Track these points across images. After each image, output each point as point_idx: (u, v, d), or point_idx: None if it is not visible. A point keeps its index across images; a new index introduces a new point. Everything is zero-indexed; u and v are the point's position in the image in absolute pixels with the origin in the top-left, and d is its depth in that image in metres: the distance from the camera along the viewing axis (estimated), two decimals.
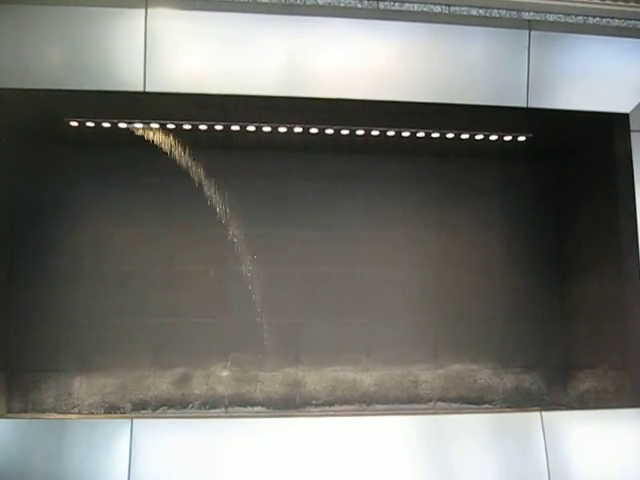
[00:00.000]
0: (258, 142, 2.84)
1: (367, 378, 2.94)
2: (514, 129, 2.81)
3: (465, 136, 2.82)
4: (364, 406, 2.92)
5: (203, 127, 2.68)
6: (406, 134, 2.77)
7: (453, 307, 3.04)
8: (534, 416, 2.38)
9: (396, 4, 2.52)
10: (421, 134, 2.78)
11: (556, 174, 3.17)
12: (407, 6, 2.51)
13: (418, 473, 2.25)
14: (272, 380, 2.88)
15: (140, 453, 2.14)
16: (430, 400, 2.97)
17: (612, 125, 2.65)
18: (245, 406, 2.86)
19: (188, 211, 2.93)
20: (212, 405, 2.84)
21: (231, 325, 2.89)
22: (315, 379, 2.91)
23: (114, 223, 2.89)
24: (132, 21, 2.33)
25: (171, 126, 2.67)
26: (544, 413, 2.39)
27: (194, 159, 2.93)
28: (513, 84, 2.52)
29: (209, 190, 2.94)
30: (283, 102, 2.45)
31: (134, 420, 2.19)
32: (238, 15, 2.39)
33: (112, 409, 2.79)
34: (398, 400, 2.95)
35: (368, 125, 2.72)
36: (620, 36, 2.62)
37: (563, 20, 2.61)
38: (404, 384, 2.96)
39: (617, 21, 2.66)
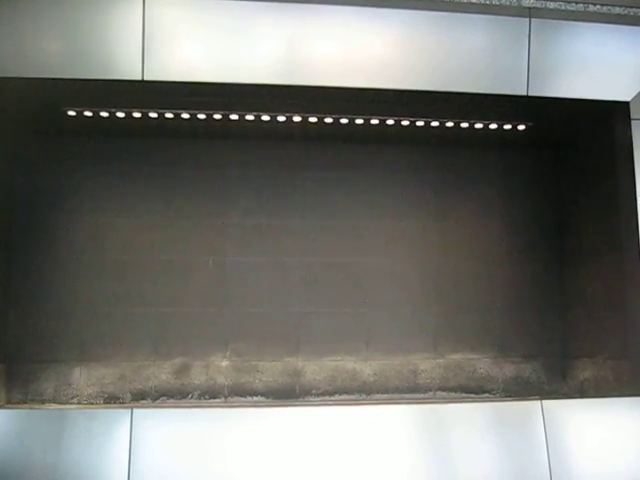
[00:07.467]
0: (257, 131, 2.83)
1: (367, 368, 2.94)
2: (514, 117, 2.79)
3: (465, 125, 2.80)
4: (364, 396, 2.93)
5: (201, 116, 2.67)
6: (405, 123, 2.76)
7: (453, 296, 3.04)
8: (534, 405, 2.38)
9: None
10: (420, 123, 2.77)
11: (556, 162, 3.16)
12: None
13: (418, 462, 2.25)
14: (272, 370, 2.88)
15: (140, 443, 2.14)
16: (430, 389, 2.97)
17: (613, 113, 2.64)
18: (245, 396, 2.86)
19: (187, 201, 2.93)
20: (212, 395, 2.84)
21: (231, 315, 2.89)
22: (315, 369, 2.91)
23: (113, 212, 2.88)
24: (130, 9, 2.32)
25: (169, 115, 2.65)
26: (544, 402, 2.39)
27: (193, 148, 2.93)
28: (513, 72, 2.50)
29: (208, 179, 2.94)
30: (282, 91, 2.44)
31: (134, 410, 2.19)
32: (237, 3, 2.37)
33: (112, 399, 2.79)
34: (398, 390, 2.95)
35: (367, 114, 2.70)
36: (621, 24, 2.61)
37: (564, 8, 2.60)
38: (404, 373, 2.96)
39: (618, 9, 2.64)
